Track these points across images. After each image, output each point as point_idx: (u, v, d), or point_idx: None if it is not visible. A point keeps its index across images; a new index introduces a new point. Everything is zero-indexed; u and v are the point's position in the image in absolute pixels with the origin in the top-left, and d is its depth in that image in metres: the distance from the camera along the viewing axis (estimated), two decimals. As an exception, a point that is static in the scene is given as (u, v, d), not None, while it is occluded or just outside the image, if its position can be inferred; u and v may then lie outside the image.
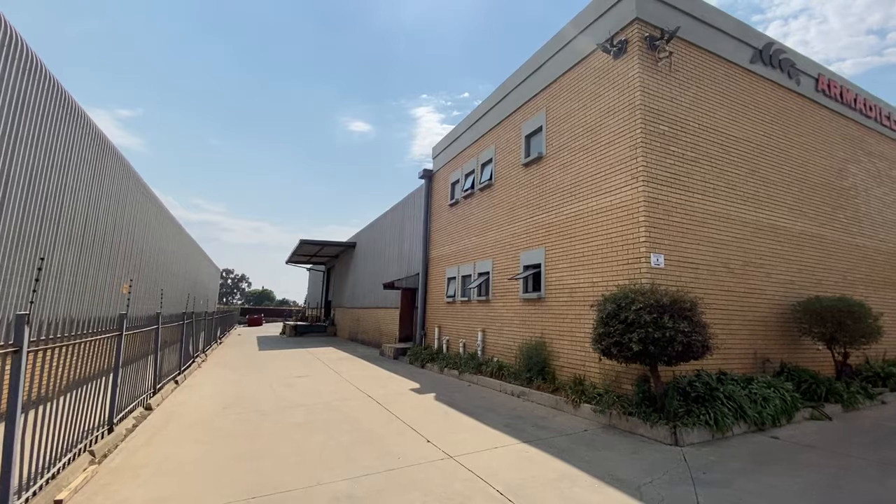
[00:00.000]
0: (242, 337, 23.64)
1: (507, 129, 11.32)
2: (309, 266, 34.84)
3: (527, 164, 10.18)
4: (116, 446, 4.95)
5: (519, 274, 9.83)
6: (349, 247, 25.62)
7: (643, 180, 7.08)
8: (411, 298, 16.28)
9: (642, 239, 6.90)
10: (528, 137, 10.40)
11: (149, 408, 6.64)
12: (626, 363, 6.03)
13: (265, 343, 19.79)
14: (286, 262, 30.17)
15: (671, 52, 7.60)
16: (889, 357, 9.60)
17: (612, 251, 7.46)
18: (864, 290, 9.94)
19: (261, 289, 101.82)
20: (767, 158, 8.90)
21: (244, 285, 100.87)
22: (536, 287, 9.35)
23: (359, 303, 22.20)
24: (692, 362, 5.89)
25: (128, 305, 8.92)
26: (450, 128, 15.11)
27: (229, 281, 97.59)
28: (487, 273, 11.33)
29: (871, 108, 11.70)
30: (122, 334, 5.53)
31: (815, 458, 4.86)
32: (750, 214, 8.35)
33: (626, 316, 5.61)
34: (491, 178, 11.70)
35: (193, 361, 11.21)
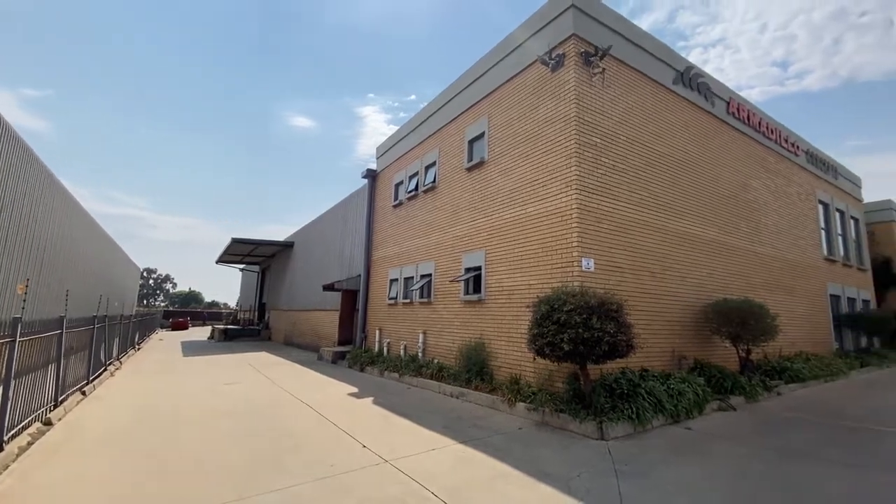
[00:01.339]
0: (165, 342, 21.85)
1: (451, 132, 11.44)
2: (242, 266, 32.96)
3: (470, 169, 10.35)
4: (7, 467, 4.36)
5: (460, 276, 9.95)
6: (286, 246, 24.58)
7: (576, 188, 7.45)
8: (352, 300, 15.92)
9: (575, 244, 7.25)
10: (472, 142, 10.57)
11: (48, 423, 5.92)
12: (559, 362, 6.29)
13: (190, 348, 18.43)
14: (216, 262, 28.33)
15: (604, 69, 8.08)
16: (784, 353, 10.82)
17: (547, 255, 7.76)
18: (764, 293, 11.15)
19: (188, 290, 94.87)
20: (685, 172, 9.72)
21: (168, 286, 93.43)
22: (477, 289, 9.51)
23: (296, 305, 21.34)
24: (618, 360, 6.26)
25: (23, 308, 7.90)
26: (396, 129, 14.99)
27: (151, 281, 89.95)
28: (430, 275, 11.36)
29: (772, 131, 13.18)
30: (15, 341, 4.89)
31: (724, 447, 5.36)
32: (669, 223, 9.07)
33: (559, 317, 5.87)
34: (435, 181, 11.75)
35: (105, 370, 10.17)
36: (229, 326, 26.49)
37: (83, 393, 7.88)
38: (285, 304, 23.30)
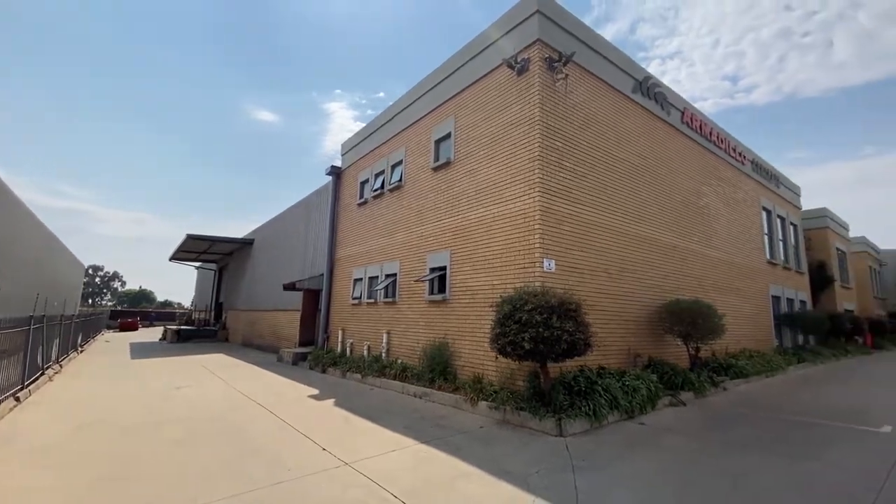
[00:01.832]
0: (112, 344, 20.60)
1: (417, 132, 11.41)
2: (198, 265, 31.57)
3: (436, 169, 10.35)
4: (-81, 484, 3.98)
5: (425, 276, 9.94)
6: (245, 244, 23.73)
7: (539, 191, 7.61)
8: (314, 300, 15.57)
9: (537, 245, 7.41)
10: (438, 142, 10.59)
11: (-27, 433, 5.45)
12: (520, 361, 6.41)
13: (140, 350, 17.47)
14: (170, 260, 26.96)
15: (567, 75, 8.29)
16: (730, 350, 11.47)
17: (510, 255, 7.89)
18: (713, 294, 11.78)
19: (138, 289, 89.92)
20: (642, 177, 10.13)
21: (117, 284, 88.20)
22: (442, 289, 9.54)
23: (255, 305, 20.65)
24: (576, 359, 6.45)
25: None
26: (363, 126, 14.77)
27: (98, 279, 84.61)
28: (395, 274, 11.28)
29: (722, 141, 13.95)
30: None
31: (674, 441, 5.63)
32: (627, 226, 9.42)
33: (521, 316, 5.98)
34: (401, 180, 11.68)
35: (43, 374, 9.47)
36: (183, 327, 25.29)
37: (17, 399, 7.31)
38: (244, 303, 22.50)
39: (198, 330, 24.61)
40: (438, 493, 3.90)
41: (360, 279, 12.86)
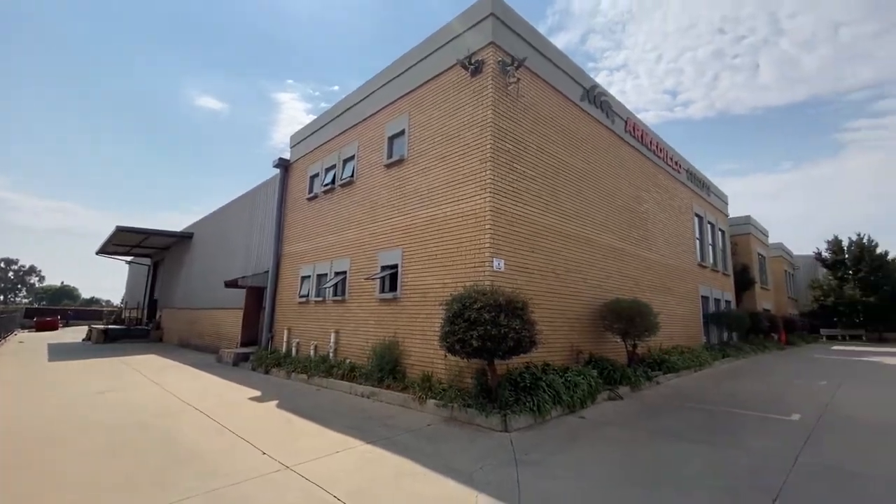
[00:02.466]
0: (26, 344, 18.64)
1: (371, 127, 11.22)
2: (129, 259, 29.34)
3: (389, 165, 10.24)
4: None
5: (376, 274, 9.81)
6: (184, 238, 22.31)
7: (491, 192, 7.73)
8: (258, 298, 14.91)
9: (487, 245, 7.52)
10: (392, 139, 10.48)
11: None
12: (468, 359, 6.48)
13: (59, 352, 15.93)
14: (97, 253, 24.79)
15: (519, 79, 8.48)
16: (664, 347, 12.24)
17: (461, 255, 7.96)
18: (650, 294, 12.52)
19: (60, 284, 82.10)
20: (587, 182, 10.57)
21: (34, 280, 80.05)
22: (393, 287, 9.45)
23: (194, 303, 19.46)
24: (523, 356, 6.62)
25: None
26: (315, 118, 14.32)
27: (11, 274, 76.35)
28: (345, 272, 11.04)
29: (661, 150, 14.84)
30: None
31: (612, 432, 5.91)
32: (573, 228, 9.80)
33: (470, 315, 6.04)
34: (353, 176, 11.45)
35: (-64, 380, 8.39)
36: (111, 326, 23.35)
37: None
38: (181, 301, 21.14)
39: (128, 330, 22.84)
40: (383, 492, 3.86)
41: (309, 277, 12.48)
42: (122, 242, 23.02)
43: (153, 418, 6.42)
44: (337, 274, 11.27)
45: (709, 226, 18.77)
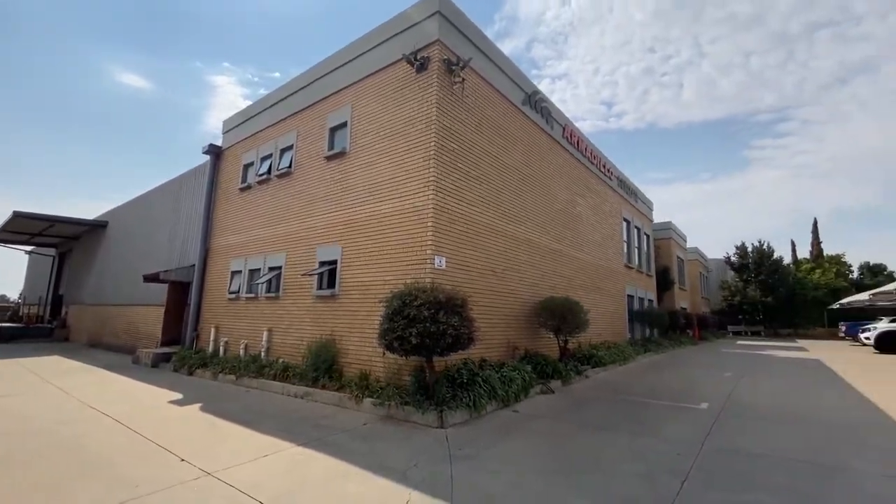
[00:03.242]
0: None
1: (311, 116, 10.80)
2: (30, 249, 26.05)
3: (330, 158, 9.92)
4: None
5: (314, 269, 9.47)
6: (97, 227, 20.18)
7: (434, 189, 7.75)
8: (183, 294, 13.85)
9: (429, 242, 7.53)
10: (333, 130, 10.16)
11: None
12: (407, 356, 6.45)
13: (-66, 354, 13.78)
14: (-13, 241, 21.74)
15: (464, 79, 8.57)
16: (593, 342, 12.96)
17: (403, 251, 7.90)
18: (582, 293, 13.21)
19: (-63, 277, 71.23)
20: (527, 184, 10.93)
21: None
22: (331, 284, 9.18)
23: (107, 299, 17.68)
24: (461, 352, 6.71)
25: None
26: (251, 104, 13.52)
27: None
28: (279, 268, 10.55)
29: (595, 157, 15.68)
30: None
31: (542, 425, 6.16)
32: (513, 228, 10.09)
33: (409, 312, 6.02)
34: (290, 166, 10.96)
35: None
36: (5, 325, 20.58)
37: None
38: (92, 297, 19.11)
39: (27, 329, 20.25)
40: (311, 495, 3.73)
41: (240, 271, 11.79)
42: (21, 230, 20.38)
43: (55, 425, 5.75)
44: (271, 269, 10.75)
45: (636, 230, 20.15)
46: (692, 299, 33.07)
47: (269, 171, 11.61)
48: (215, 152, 13.90)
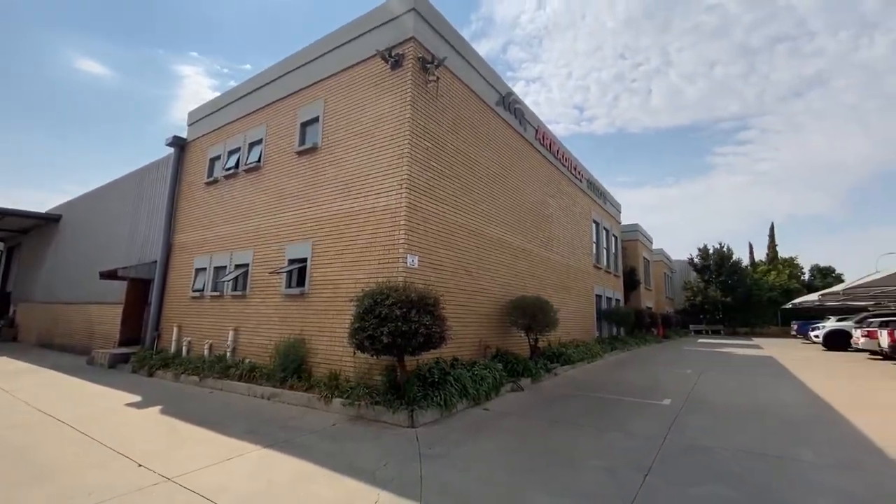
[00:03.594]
0: None
1: (282, 110, 10.55)
2: (-28, 242, 24.31)
3: (301, 153, 9.72)
4: None
5: (283, 267, 9.26)
6: (49, 220, 19.07)
7: (407, 188, 7.71)
8: (143, 292, 13.27)
9: (402, 241, 7.50)
10: (305, 125, 9.95)
11: None
12: (378, 355, 6.40)
13: None
14: (-76, 234, 20.18)
15: (438, 78, 8.56)
16: (562, 341, 13.23)
17: (375, 250, 7.83)
18: (552, 292, 13.45)
19: None
20: (500, 185, 11.04)
21: None
22: (301, 282, 9.00)
23: (61, 296, 16.73)
24: (433, 351, 6.71)
25: None
26: (219, 95, 13.07)
27: None
28: (247, 265, 10.26)
29: (566, 160, 15.98)
30: None
31: (511, 422, 6.23)
32: (486, 228, 10.16)
33: (381, 311, 5.97)
34: (260, 161, 10.67)
35: None
36: (-58, 324, 19.14)
37: None
38: (43, 294, 18.04)
39: (-34, 328, 18.92)
40: (278, 498, 3.65)
41: (204, 269, 11.40)
42: (-38, 222, 19.01)
43: (1, 430, 5.41)
44: (238, 266, 10.45)
45: (604, 231, 20.68)
46: (657, 299, 34.24)
47: (236, 166, 11.26)
48: (180, 145, 13.37)
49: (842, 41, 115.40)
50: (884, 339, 14.28)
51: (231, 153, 11.65)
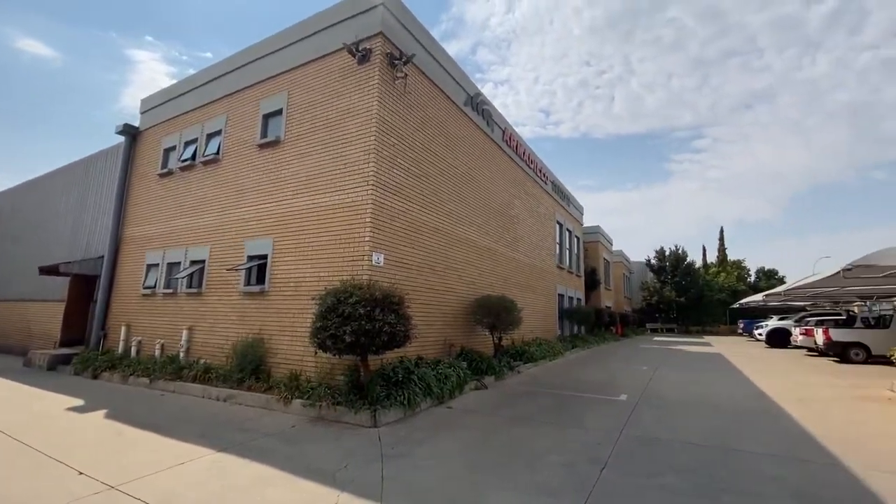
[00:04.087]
0: None
1: (243, 101, 10.15)
2: None
3: (262, 146, 9.39)
4: None
5: (242, 264, 8.92)
6: (-19, 211, 17.55)
7: (373, 185, 7.61)
8: (88, 289, 12.45)
9: (367, 238, 7.39)
10: (267, 117, 9.62)
11: None
12: (340, 355, 6.27)
13: None
14: None
15: (406, 75, 8.49)
16: (525, 339, 13.45)
17: (339, 247, 7.68)
18: (516, 291, 13.65)
19: None
20: (467, 185, 11.09)
21: None
22: (261, 279, 8.71)
23: (-7, 292, 15.44)
24: (397, 350, 6.65)
25: None
26: (176, 83, 12.42)
27: None
28: (203, 261, 9.82)
29: (532, 162, 16.26)
30: None
31: (474, 420, 6.27)
32: (452, 227, 10.18)
33: (344, 309, 5.86)
34: (218, 153, 10.22)
35: None
36: None
37: None
38: (-28, 290, 16.58)
39: None
40: (232, 502, 3.50)
41: (157, 265, 10.83)
42: None
43: (-89, 442, 4.91)
44: (193, 263, 9.98)
45: (567, 232, 21.20)
46: (616, 298, 35.46)
47: (193, 157, 10.75)
48: (131, 133, 12.62)
49: (787, 58, 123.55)
50: (819, 336, 15.39)
51: (188, 144, 11.11)
